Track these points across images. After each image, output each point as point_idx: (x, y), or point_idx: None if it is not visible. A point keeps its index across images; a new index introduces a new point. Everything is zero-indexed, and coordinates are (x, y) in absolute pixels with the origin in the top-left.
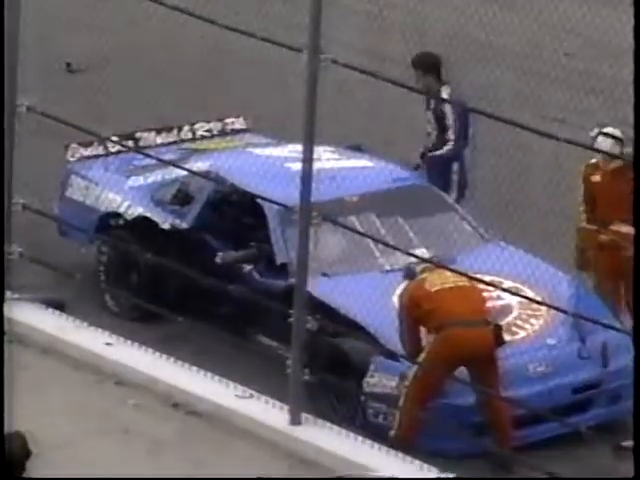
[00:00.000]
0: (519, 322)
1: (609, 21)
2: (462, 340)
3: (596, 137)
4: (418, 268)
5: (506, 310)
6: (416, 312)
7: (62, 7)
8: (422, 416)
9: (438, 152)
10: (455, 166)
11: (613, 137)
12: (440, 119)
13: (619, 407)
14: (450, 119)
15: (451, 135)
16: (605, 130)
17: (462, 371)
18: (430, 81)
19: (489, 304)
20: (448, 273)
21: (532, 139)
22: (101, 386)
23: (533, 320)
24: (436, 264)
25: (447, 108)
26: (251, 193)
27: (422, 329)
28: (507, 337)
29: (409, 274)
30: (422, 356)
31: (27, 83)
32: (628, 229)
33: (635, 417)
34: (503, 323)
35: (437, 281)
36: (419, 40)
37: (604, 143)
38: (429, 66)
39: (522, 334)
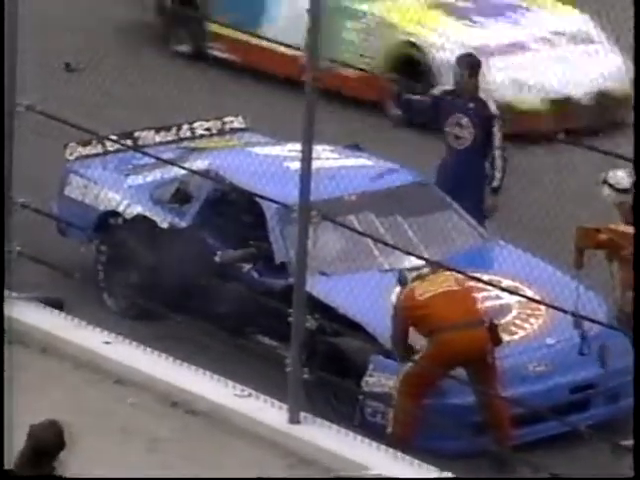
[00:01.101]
0: (518, 321)
1: None
2: (454, 344)
3: (602, 183)
4: (411, 275)
5: (505, 309)
6: (407, 321)
7: (61, 7)
8: (417, 413)
9: (495, 184)
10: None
11: (616, 188)
12: (482, 128)
13: (618, 406)
14: (497, 141)
15: (499, 162)
16: (610, 180)
17: (461, 371)
18: (472, 85)
19: (487, 303)
20: (440, 279)
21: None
22: (100, 385)
23: (532, 319)
24: (433, 262)
25: (496, 126)
26: (250, 192)
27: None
28: (506, 337)
29: (401, 280)
30: (417, 356)
31: (26, 82)
32: (626, 228)
33: (635, 416)
34: (502, 322)
35: (428, 288)
36: None
37: (607, 192)
38: (477, 70)
39: (521, 333)
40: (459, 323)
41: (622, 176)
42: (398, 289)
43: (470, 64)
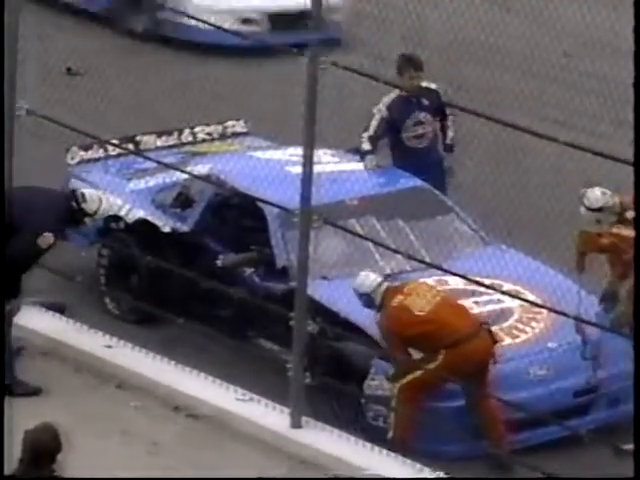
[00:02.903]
0: (520, 325)
1: (609, 21)
2: (472, 355)
3: (582, 196)
4: (376, 294)
5: (507, 313)
6: (409, 338)
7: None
8: (418, 418)
9: (449, 141)
10: None
11: (588, 207)
12: (440, 120)
13: (619, 410)
14: (451, 122)
15: (450, 141)
16: (584, 200)
17: None
18: (419, 81)
19: (489, 307)
20: (421, 289)
21: (532, 141)
22: (101, 389)
23: (534, 323)
24: (434, 266)
25: (449, 120)
26: (251, 196)
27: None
28: (508, 340)
29: (370, 303)
30: (430, 366)
31: (27, 86)
32: (628, 232)
33: (635, 419)
34: (504, 326)
35: (423, 300)
36: (419, 42)
37: (582, 211)
38: (419, 65)
39: (523, 337)
40: (470, 333)
41: (596, 197)
42: (376, 313)
43: (416, 61)
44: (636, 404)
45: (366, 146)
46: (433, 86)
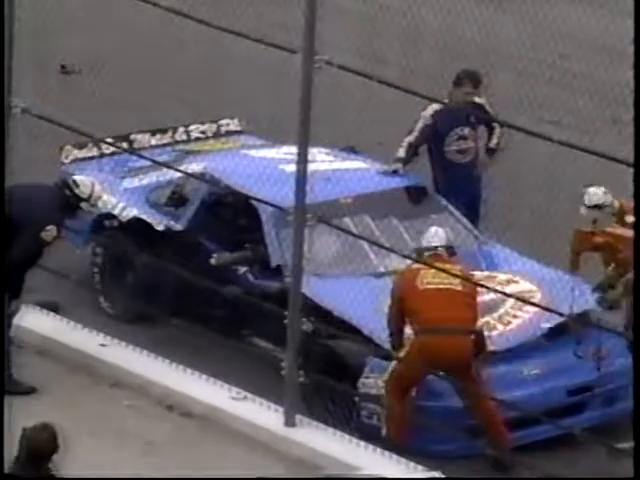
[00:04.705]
0: (513, 311)
1: (604, 22)
2: (439, 349)
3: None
4: (426, 252)
5: (500, 301)
6: (402, 303)
7: (58, 8)
8: (404, 411)
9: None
10: None
11: (585, 205)
12: (486, 130)
13: (613, 409)
14: (498, 132)
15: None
16: (583, 197)
17: None
18: (473, 97)
19: (484, 297)
20: (454, 269)
21: (527, 141)
22: (96, 388)
23: (527, 307)
24: (430, 266)
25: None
26: (246, 195)
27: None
28: (500, 327)
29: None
30: (402, 353)
31: (22, 85)
32: (622, 231)
33: (634, 418)
34: (498, 314)
35: (430, 279)
36: (414, 43)
37: (581, 210)
38: (479, 83)
39: (517, 321)
40: (444, 328)
41: (594, 192)
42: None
43: (477, 79)
44: (636, 404)
45: (401, 153)
46: (480, 101)
